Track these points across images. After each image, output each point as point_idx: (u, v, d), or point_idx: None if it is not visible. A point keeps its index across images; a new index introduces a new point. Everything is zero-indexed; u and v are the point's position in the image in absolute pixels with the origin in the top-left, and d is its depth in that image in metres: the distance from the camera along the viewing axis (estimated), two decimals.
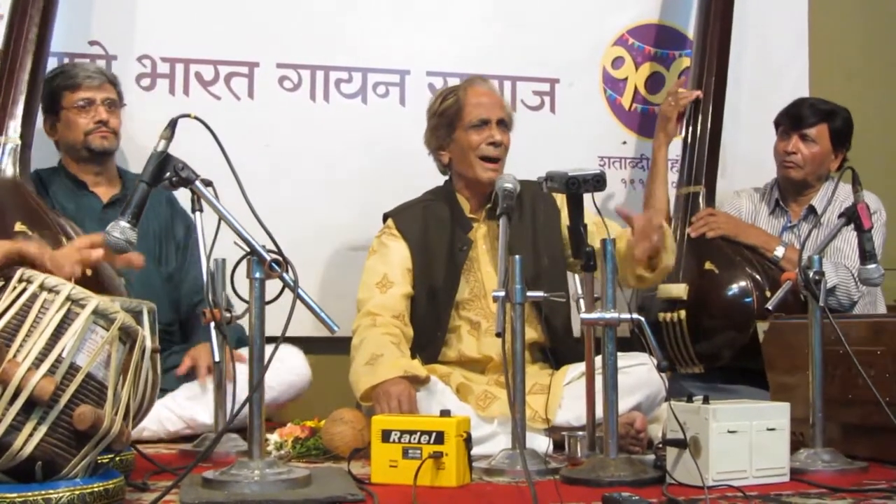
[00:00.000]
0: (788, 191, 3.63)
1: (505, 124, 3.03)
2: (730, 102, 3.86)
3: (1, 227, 2.84)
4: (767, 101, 3.88)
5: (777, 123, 3.63)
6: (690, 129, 3.71)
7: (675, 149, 3.76)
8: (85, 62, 3.41)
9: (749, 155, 3.97)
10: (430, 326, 3.00)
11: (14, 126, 3.08)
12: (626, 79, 4.03)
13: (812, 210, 3.56)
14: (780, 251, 3.44)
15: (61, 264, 1.86)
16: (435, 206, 3.09)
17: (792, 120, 3.55)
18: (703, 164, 3.67)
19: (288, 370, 3.09)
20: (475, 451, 2.25)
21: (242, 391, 2.31)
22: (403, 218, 3.08)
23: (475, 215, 3.07)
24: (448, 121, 3.03)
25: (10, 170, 3.05)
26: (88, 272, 2.39)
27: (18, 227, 2.86)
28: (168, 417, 2.95)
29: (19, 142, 3.07)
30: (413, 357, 2.88)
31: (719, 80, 3.74)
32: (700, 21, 3.83)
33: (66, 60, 3.51)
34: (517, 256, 2.38)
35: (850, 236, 3.27)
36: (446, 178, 3.15)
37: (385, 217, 3.13)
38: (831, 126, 3.52)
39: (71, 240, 2.49)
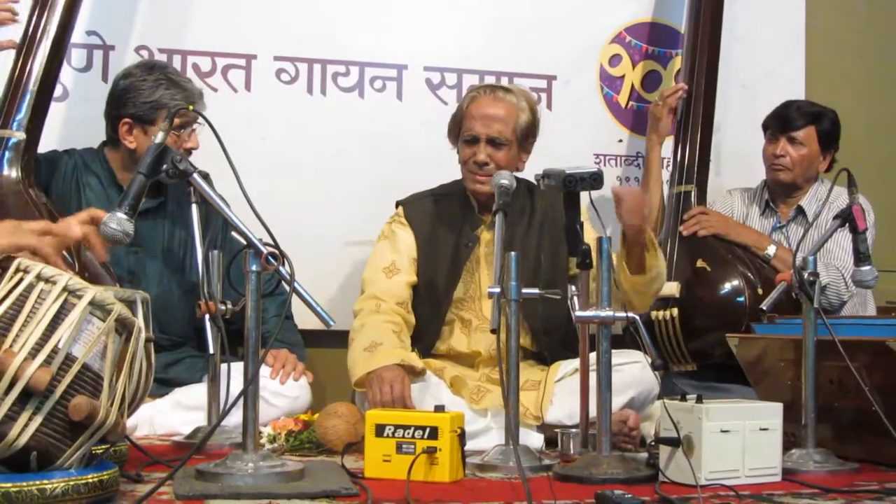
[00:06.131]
0: (777, 192, 3.64)
1: (497, 143, 2.96)
2: (725, 101, 3.87)
3: None
4: (762, 100, 3.88)
5: (765, 126, 3.64)
6: (682, 127, 3.72)
7: (669, 148, 3.76)
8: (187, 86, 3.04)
9: (744, 154, 3.97)
10: (426, 318, 3.03)
11: (20, 120, 2.89)
12: (623, 77, 4.03)
13: (801, 211, 3.58)
14: (771, 250, 3.45)
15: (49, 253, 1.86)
16: (446, 201, 3.12)
17: (779, 123, 3.56)
18: (694, 163, 3.68)
19: (291, 400, 2.96)
20: (468, 445, 2.26)
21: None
22: (414, 208, 3.12)
23: (484, 216, 3.07)
24: (454, 126, 3.07)
25: (10, 166, 2.86)
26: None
27: None
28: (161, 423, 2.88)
29: (24, 136, 2.89)
30: (411, 347, 2.91)
31: (710, 80, 3.74)
32: (690, 20, 3.83)
33: None
34: (513, 253, 2.35)
35: (840, 237, 3.29)
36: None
37: (397, 204, 3.17)
38: (819, 128, 3.53)
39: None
